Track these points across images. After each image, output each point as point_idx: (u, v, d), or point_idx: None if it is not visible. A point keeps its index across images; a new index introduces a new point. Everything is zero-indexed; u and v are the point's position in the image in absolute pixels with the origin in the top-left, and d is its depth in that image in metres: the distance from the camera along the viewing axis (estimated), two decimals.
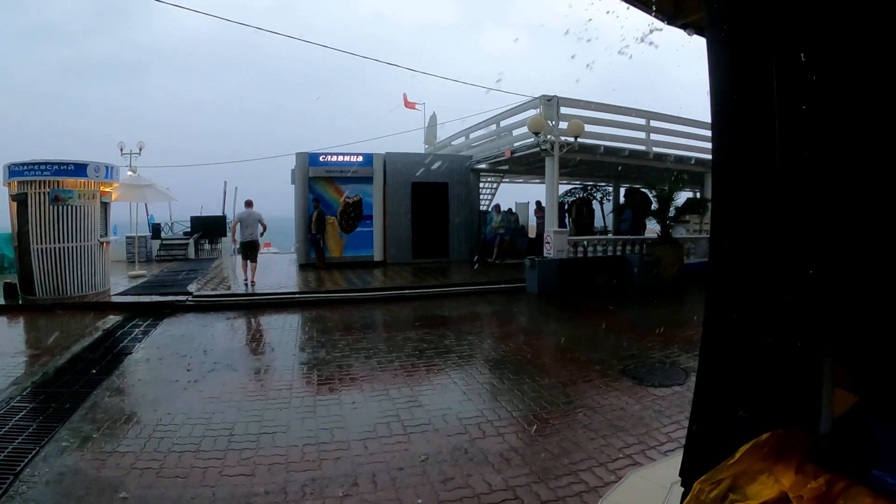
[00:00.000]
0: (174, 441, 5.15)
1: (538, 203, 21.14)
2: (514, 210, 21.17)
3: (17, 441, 5.11)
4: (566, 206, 22.15)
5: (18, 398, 6.31)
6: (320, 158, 18.09)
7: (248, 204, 14.68)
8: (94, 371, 7.31)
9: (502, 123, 18.02)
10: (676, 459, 2.97)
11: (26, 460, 4.72)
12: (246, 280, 14.12)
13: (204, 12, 10.89)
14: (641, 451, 4.89)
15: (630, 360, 7.68)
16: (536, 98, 15.20)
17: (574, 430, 5.38)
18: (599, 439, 5.15)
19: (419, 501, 4.11)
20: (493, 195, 24.08)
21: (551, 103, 14.76)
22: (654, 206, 16.18)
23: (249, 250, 14.14)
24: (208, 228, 22.50)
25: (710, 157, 2.89)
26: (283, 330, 10.13)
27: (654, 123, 16.89)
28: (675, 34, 3.89)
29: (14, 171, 12.38)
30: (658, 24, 3.86)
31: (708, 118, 2.71)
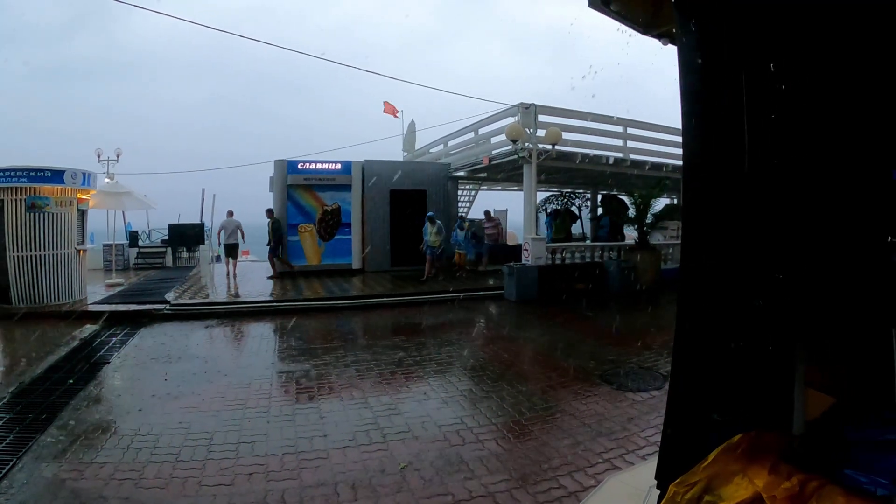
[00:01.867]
0: (153, 451, 5.10)
1: (487, 213, 21.42)
2: (466, 220, 19.56)
3: None
4: (549, 213, 22.22)
5: None
6: (298, 166, 18.01)
7: (230, 213, 17.51)
8: (71, 381, 7.21)
9: (480, 131, 18.07)
10: (654, 463, 3.00)
11: (3, 471, 4.66)
12: (228, 273, 17.12)
13: (175, 16, 10.83)
14: (620, 455, 4.93)
15: (608, 366, 7.73)
16: (514, 106, 15.28)
17: (553, 436, 5.41)
18: (579, 444, 5.18)
19: None
20: (472, 203, 24.10)
21: (529, 111, 14.86)
22: (632, 212, 16.31)
23: (231, 250, 17.30)
24: (186, 236, 22.30)
25: None
26: (262, 338, 10.08)
27: (630, 131, 17.07)
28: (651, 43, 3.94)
29: None
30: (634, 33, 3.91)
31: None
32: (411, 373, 7.65)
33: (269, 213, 17.53)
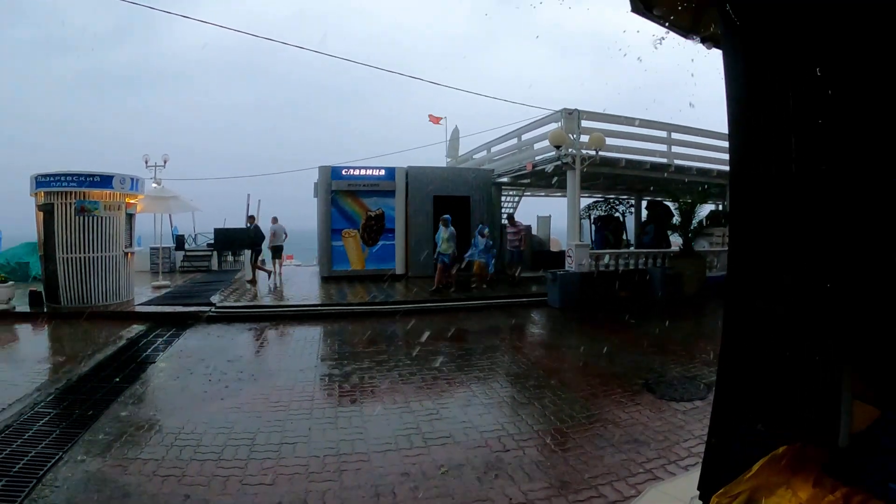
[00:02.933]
0: (196, 449, 5.23)
1: (510, 217, 19.29)
2: (485, 229, 16.31)
3: (40, 446, 5.23)
4: (594, 220, 21.91)
5: (42, 404, 6.45)
6: (343, 172, 18.17)
7: (274, 220, 18.22)
8: (117, 379, 7.43)
9: (523, 137, 18.02)
10: (696, 474, 2.97)
11: (49, 465, 4.83)
12: (273, 271, 17.80)
13: (221, 25, 11.04)
14: (661, 465, 4.87)
15: (651, 375, 7.64)
16: (557, 111, 15.22)
17: (594, 444, 5.37)
18: (619, 454, 5.14)
19: None
20: (516, 208, 24.01)
21: (572, 117, 14.78)
22: (677, 218, 16.08)
23: (276, 252, 18.01)
24: (231, 240, 22.68)
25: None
26: (305, 341, 10.20)
27: (675, 136, 16.81)
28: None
29: (41, 181, 12.68)
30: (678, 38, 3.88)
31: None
32: (453, 378, 7.67)
33: (251, 219, 18.16)
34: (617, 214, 22.80)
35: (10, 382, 7.22)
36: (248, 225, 17.86)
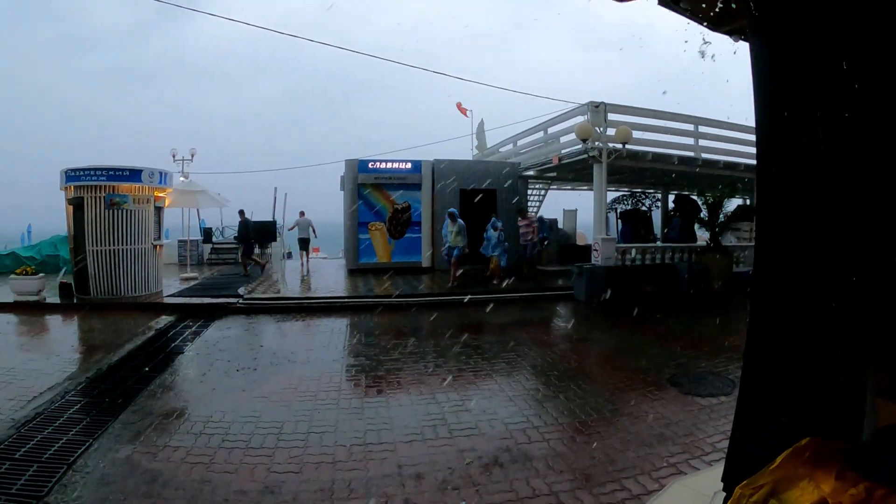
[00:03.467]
0: (224, 437, 5.34)
1: (521, 211, 18.08)
2: (498, 222, 15.84)
3: (71, 433, 5.38)
4: (620, 214, 21.72)
5: (73, 392, 6.61)
6: (369, 165, 18.26)
7: (301, 213, 19.90)
8: (146, 368, 7.59)
9: (550, 130, 17.93)
10: (720, 469, 2.99)
11: (80, 451, 4.97)
12: (302, 263, 19.71)
13: (244, 21, 11.13)
14: (685, 460, 4.88)
15: (677, 369, 7.62)
16: (584, 104, 15.12)
17: (619, 438, 5.39)
18: (644, 447, 5.15)
19: (463, 503, 4.18)
20: (542, 202, 23.95)
21: (599, 110, 14.70)
22: (704, 213, 15.94)
23: (303, 244, 19.79)
24: (259, 233, 22.87)
25: None
26: (332, 333, 10.32)
27: (702, 129, 16.62)
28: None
29: (71, 176, 12.95)
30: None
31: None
32: (479, 370, 7.72)
33: (241, 213, 18.44)
34: (644, 209, 22.63)
35: (41, 371, 7.40)
36: (239, 219, 18.23)
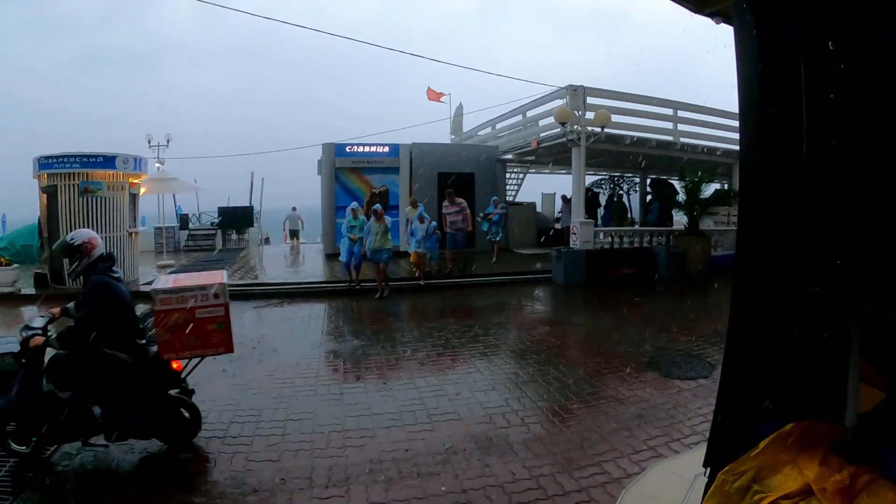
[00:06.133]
0: (203, 427, 5.24)
1: (449, 195, 15.20)
2: (424, 213, 13.57)
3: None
4: (588, 196, 21.65)
5: None
6: (346, 149, 18.13)
7: (294, 209, 23.57)
8: None
9: (528, 114, 17.87)
10: (700, 452, 2.98)
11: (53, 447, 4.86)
12: (293, 246, 22.46)
13: (214, 3, 10.87)
14: (665, 443, 4.89)
15: (655, 352, 7.65)
16: (563, 88, 15.05)
17: (598, 421, 5.40)
18: (624, 431, 5.16)
19: (443, 489, 4.15)
20: (520, 186, 23.93)
21: (577, 93, 14.63)
22: (682, 197, 15.99)
23: (294, 234, 23.50)
24: (236, 219, 22.70)
25: (737, 147, 2.86)
26: (310, 318, 10.25)
27: (681, 113, 16.63)
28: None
29: (44, 163, 12.69)
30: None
31: (735, 109, 2.70)
32: (457, 355, 7.69)
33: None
34: (621, 192, 22.67)
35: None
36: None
